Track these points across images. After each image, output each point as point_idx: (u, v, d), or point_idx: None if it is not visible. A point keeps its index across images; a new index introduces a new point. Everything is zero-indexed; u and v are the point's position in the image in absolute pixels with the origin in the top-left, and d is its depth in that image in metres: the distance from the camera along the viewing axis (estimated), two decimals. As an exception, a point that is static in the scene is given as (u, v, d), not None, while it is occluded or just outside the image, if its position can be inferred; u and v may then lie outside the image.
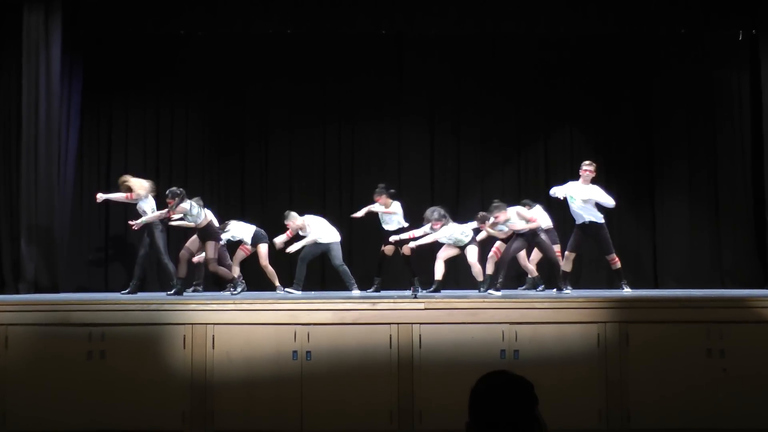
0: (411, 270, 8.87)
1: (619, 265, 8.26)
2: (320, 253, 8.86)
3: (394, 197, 8.99)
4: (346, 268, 8.75)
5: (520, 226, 8.21)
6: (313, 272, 9.80)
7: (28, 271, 8.56)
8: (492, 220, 8.32)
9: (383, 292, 8.59)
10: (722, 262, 9.85)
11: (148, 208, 8.65)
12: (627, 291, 8.11)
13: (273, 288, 8.88)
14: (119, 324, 6.12)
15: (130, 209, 10.22)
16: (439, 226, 8.42)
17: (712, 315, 6.17)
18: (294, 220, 8.79)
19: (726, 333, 6.06)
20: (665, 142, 10.23)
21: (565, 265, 8.22)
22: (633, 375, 6.03)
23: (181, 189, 8.26)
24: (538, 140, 10.54)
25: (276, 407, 6.02)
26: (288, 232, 8.80)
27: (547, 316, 6.15)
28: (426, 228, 8.52)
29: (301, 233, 8.79)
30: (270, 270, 8.91)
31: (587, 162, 8.30)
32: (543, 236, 8.21)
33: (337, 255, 8.75)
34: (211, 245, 8.24)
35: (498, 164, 10.41)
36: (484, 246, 8.85)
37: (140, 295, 8.37)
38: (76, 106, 9.72)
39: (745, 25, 9.54)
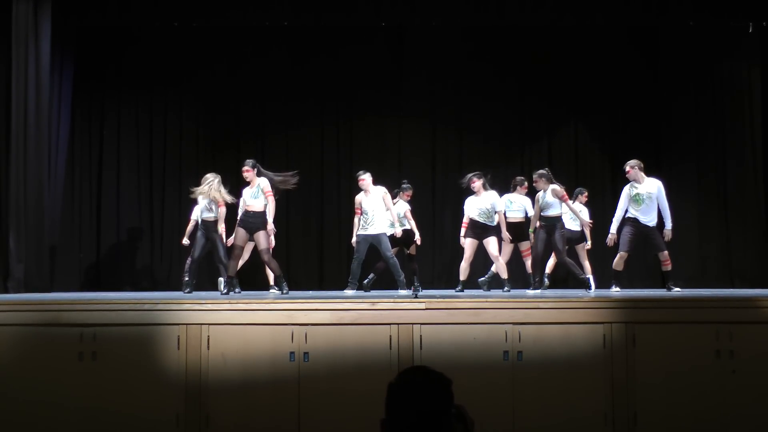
0: (413, 269, 8.71)
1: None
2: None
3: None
4: (356, 264, 8.48)
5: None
6: (311, 271, 9.62)
7: (18, 270, 8.38)
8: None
9: (382, 292, 8.41)
10: (732, 262, 9.72)
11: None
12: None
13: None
14: (111, 324, 5.99)
15: (123, 207, 10.00)
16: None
17: (722, 315, 6.04)
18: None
19: (735, 334, 5.94)
20: (673, 138, 10.08)
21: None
22: (640, 377, 5.90)
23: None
24: (542, 136, 10.39)
25: (272, 410, 5.89)
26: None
27: (551, 317, 6.01)
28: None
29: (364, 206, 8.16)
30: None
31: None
32: (559, 233, 7.99)
33: (357, 249, 8.27)
34: (263, 235, 7.75)
35: (501, 160, 10.25)
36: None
37: (133, 294, 8.19)
38: (67, 100, 9.57)
39: (755, 17, 9.39)
